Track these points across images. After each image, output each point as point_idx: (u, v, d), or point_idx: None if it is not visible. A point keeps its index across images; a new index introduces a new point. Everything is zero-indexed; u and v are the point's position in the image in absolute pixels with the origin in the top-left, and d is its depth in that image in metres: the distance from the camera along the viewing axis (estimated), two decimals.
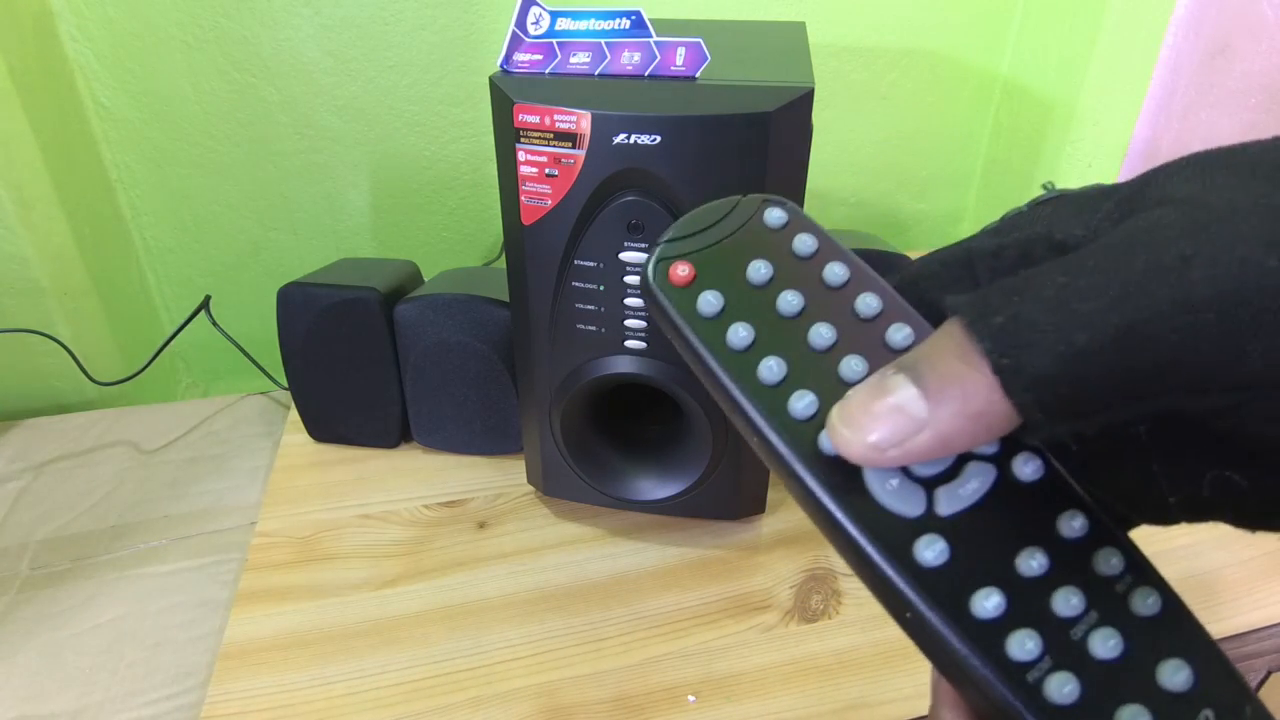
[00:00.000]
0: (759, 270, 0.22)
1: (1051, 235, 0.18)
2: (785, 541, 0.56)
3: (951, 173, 1.00)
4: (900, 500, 0.19)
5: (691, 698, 0.46)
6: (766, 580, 0.54)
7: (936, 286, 0.21)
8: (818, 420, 0.20)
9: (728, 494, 0.54)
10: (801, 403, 0.20)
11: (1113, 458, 0.19)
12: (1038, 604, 0.18)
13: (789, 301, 0.21)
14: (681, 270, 0.22)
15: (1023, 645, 0.17)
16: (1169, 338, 0.14)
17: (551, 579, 0.54)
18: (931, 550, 0.18)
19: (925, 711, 0.25)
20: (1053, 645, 0.17)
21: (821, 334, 0.21)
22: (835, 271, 0.22)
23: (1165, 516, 0.19)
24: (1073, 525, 0.19)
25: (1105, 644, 0.17)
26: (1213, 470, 0.17)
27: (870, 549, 0.18)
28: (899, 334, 0.20)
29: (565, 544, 0.56)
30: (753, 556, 0.55)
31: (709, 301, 0.21)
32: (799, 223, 0.23)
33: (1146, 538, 0.19)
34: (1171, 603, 0.18)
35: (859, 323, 0.21)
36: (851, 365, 0.20)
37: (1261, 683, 0.55)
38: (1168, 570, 0.18)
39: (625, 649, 0.49)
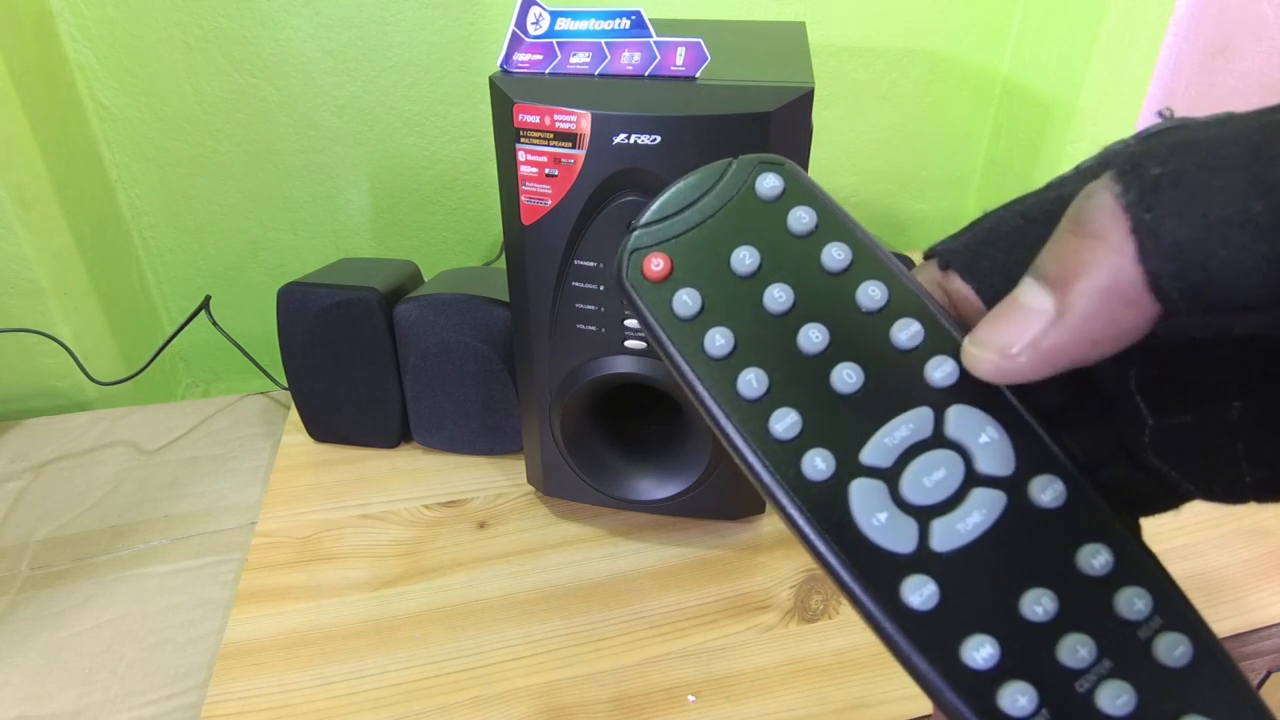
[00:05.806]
0: (743, 259, 0.19)
1: None
2: (785, 541, 0.56)
3: (951, 173, 1.00)
4: (889, 535, 0.17)
5: (691, 698, 0.46)
6: (766, 580, 0.54)
7: (989, 266, 0.18)
8: (800, 442, 0.18)
9: (728, 494, 0.54)
10: (783, 423, 0.18)
11: (1196, 433, 0.16)
12: (1039, 653, 0.16)
13: (776, 297, 0.18)
14: (656, 264, 0.19)
15: (1014, 700, 0.16)
16: None
17: (551, 579, 0.54)
18: (919, 594, 0.16)
19: (925, 711, 0.25)
20: (1050, 699, 0.16)
21: (811, 337, 0.18)
22: (834, 255, 0.19)
23: (1235, 496, 0.17)
24: (1094, 562, 0.17)
25: (1115, 699, 0.16)
26: None
27: (854, 586, 0.17)
28: (904, 333, 0.18)
29: (565, 544, 0.56)
30: (753, 556, 0.55)
31: (684, 302, 0.19)
32: (796, 192, 0.19)
33: (1147, 536, 0.18)
34: (1206, 652, 0.16)
35: (860, 318, 0.18)
36: (844, 375, 0.18)
37: (1261, 683, 0.55)
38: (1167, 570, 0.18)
39: (625, 649, 0.49)
